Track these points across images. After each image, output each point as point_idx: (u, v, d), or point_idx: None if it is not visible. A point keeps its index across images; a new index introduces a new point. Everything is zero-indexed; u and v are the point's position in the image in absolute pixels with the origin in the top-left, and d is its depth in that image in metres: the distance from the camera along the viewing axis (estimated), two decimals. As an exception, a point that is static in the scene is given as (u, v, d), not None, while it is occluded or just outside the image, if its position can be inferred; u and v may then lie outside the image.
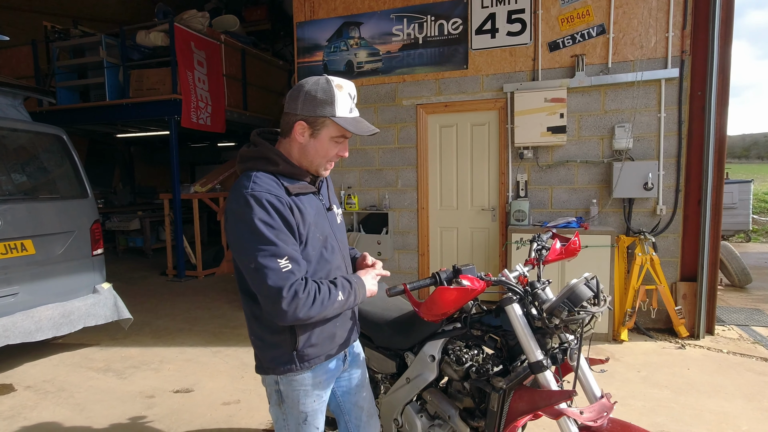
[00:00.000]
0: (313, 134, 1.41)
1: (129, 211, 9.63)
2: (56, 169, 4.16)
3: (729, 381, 3.34)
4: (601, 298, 1.42)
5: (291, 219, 1.36)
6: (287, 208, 1.36)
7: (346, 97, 1.39)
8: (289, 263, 1.31)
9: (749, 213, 9.26)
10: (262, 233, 1.31)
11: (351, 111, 1.41)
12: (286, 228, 1.35)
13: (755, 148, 43.47)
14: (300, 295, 1.30)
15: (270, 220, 1.32)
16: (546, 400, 1.42)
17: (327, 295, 1.36)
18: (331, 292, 1.38)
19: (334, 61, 5.33)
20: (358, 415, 1.72)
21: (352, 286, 1.45)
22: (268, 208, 1.32)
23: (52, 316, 3.68)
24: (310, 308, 1.32)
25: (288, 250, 1.33)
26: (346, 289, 1.43)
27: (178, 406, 3.17)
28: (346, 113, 1.39)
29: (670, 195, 4.35)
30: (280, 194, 1.36)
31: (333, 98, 1.37)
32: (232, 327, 4.82)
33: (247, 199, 1.33)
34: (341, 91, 1.38)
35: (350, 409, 1.72)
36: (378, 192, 5.35)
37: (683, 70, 4.23)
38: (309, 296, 1.32)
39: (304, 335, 1.45)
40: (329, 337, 1.51)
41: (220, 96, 7.56)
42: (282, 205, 1.35)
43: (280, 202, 1.35)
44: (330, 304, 1.37)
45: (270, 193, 1.35)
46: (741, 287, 5.95)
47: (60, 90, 7.41)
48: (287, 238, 1.34)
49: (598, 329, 4.13)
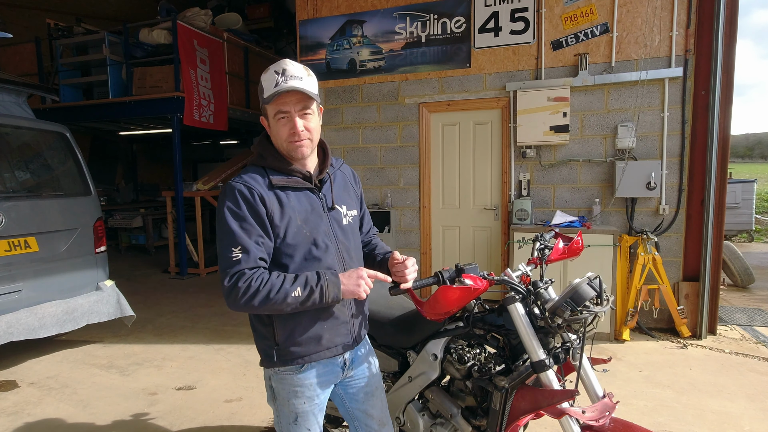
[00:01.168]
0: (269, 123, 1.47)
1: (132, 208, 9.66)
2: (59, 166, 4.18)
3: (731, 381, 3.34)
4: (604, 298, 1.42)
5: (260, 209, 1.39)
6: (257, 198, 1.39)
7: (271, 75, 1.40)
8: (240, 253, 1.35)
9: (752, 213, 9.23)
10: (226, 221, 1.38)
11: (276, 85, 1.38)
12: (252, 218, 1.38)
13: (759, 148, 43.29)
14: (239, 285, 1.33)
15: (236, 209, 1.38)
16: (548, 399, 1.43)
17: (275, 289, 1.34)
18: (282, 286, 1.35)
19: (337, 59, 5.33)
20: (368, 422, 1.67)
21: (318, 282, 1.38)
22: (237, 198, 1.38)
23: (55, 313, 3.70)
24: (252, 298, 1.33)
25: (243, 240, 1.36)
26: (309, 285, 1.37)
27: (181, 403, 3.18)
28: (271, 89, 1.39)
29: (673, 194, 4.34)
30: (254, 185, 1.41)
31: (261, 84, 1.43)
32: (234, 325, 4.83)
33: (224, 190, 1.43)
34: (267, 73, 1.42)
35: (359, 415, 1.67)
36: (380, 190, 5.35)
37: (687, 69, 4.21)
38: (250, 287, 1.33)
39: (284, 331, 1.47)
40: (315, 338, 1.49)
41: (223, 94, 7.57)
42: (251, 196, 1.39)
43: (250, 192, 1.39)
44: (279, 298, 1.34)
45: (244, 183, 1.41)
46: (743, 287, 5.93)
47: (63, 87, 7.43)
48: (251, 228, 1.37)
49: (601, 329, 4.12)
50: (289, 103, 1.41)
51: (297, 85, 1.38)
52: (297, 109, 1.42)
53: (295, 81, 1.39)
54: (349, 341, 1.57)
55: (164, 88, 6.87)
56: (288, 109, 1.41)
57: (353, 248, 1.60)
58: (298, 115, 1.42)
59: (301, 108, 1.42)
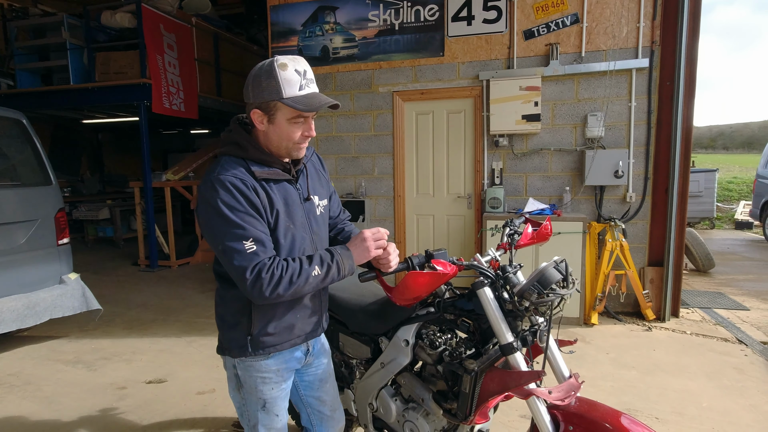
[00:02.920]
0: (269, 120, 1.39)
1: (98, 200, 9.32)
2: (16, 155, 3.98)
3: (692, 361, 3.49)
4: (570, 281, 1.45)
5: (257, 201, 1.36)
6: (252, 190, 1.36)
7: (292, 75, 1.33)
8: (254, 245, 1.31)
9: (714, 201, 9.62)
10: (227, 216, 1.31)
11: (301, 88, 1.34)
12: (252, 210, 1.35)
13: (721, 139, 45.03)
14: (263, 275, 1.30)
15: (234, 203, 1.32)
16: (516, 380, 1.45)
17: (296, 272, 1.34)
18: (302, 268, 1.36)
19: (310, 46, 5.24)
20: (320, 408, 1.73)
21: (333, 258, 1.40)
22: (233, 191, 1.33)
23: (15, 308, 3.55)
24: (276, 287, 1.31)
25: (253, 232, 1.33)
26: (325, 262, 1.39)
27: (152, 396, 3.12)
28: (296, 92, 1.34)
29: (640, 182, 4.47)
30: (245, 177, 1.36)
31: (278, 80, 1.32)
32: (206, 317, 4.75)
33: (212, 183, 1.34)
34: (286, 70, 1.33)
35: (312, 402, 1.73)
36: (354, 179, 5.32)
37: (653, 60, 4.32)
38: (273, 276, 1.31)
39: (261, 322, 1.46)
40: (287, 327, 1.50)
41: (193, 81, 7.34)
42: (246, 188, 1.35)
43: (244, 184, 1.35)
44: (302, 280, 1.35)
45: (235, 176, 1.35)
46: (705, 272, 6.19)
47: (20, 73, 7.07)
48: (253, 220, 1.34)
49: (570, 313, 4.24)
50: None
51: (319, 92, 1.40)
52: (312, 114, 1.42)
53: (314, 85, 1.39)
54: (317, 330, 1.62)
55: (129, 74, 6.61)
56: (308, 114, 1.40)
57: (324, 238, 1.63)
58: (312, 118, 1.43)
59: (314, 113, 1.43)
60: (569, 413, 1.47)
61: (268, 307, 1.45)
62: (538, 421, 1.47)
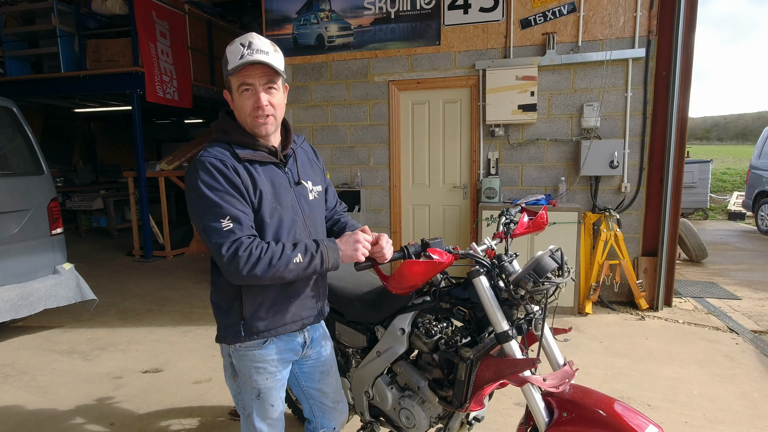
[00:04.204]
0: (231, 96, 1.44)
1: (91, 190, 9.25)
2: (7, 144, 3.92)
3: (684, 349, 3.53)
4: (565, 270, 1.46)
5: (237, 180, 1.37)
6: (232, 170, 1.37)
7: (236, 48, 1.37)
8: (230, 223, 1.33)
9: (707, 192, 9.69)
10: (206, 195, 1.33)
11: (242, 57, 1.36)
12: (232, 189, 1.36)
13: (715, 130, 45.21)
14: (240, 253, 1.30)
15: (213, 182, 1.35)
16: (511, 368, 1.46)
17: (276, 255, 1.33)
18: (284, 252, 1.34)
19: (304, 34, 5.18)
20: (322, 400, 1.73)
21: (318, 249, 1.39)
22: (212, 171, 1.35)
23: (8, 298, 3.53)
24: (254, 267, 1.31)
25: (231, 210, 1.34)
26: (309, 251, 1.37)
27: (148, 386, 3.12)
28: (236, 61, 1.36)
29: (635, 173, 4.49)
30: (224, 158, 1.38)
31: (226, 57, 1.39)
32: (202, 306, 4.75)
33: (194, 165, 1.39)
34: (232, 45, 1.39)
35: (314, 394, 1.72)
36: (350, 170, 5.30)
37: (650, 51, 4.31)
38: (251, 255, 1.31)
39: (252, 304, 1.46)
40: (280, 311, 1.50)
41: (186, 70, 7.25)
42: (226, 168, 1.36)
43: (223, 165, 1.37)
44: (282, 265, 1.33)
45: (215, 157, 1.38)
46: (698, 262, 6.25)
47: (9, 60, 6.94)
48: (231, 199, 1.35)
49: (564, 303, 4.27)
50: (254, 76, 1.38)
51: (263, 59, 1.36)
52: (262, 83, 1.39)
53: (260, 55, 1.36)
54: (314, 315, 1.60)
55: (121, 62, 6.52)
56: (252, 81, 1.38)
57: (319, 223, 1.62)
58: (263, 89, 1.40)
59: (266, 82, 1.40)
60: (563, 400, 1.48)
61: (259, 290, 1.45)
62: (533, 408, 1.49)
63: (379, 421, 2.05)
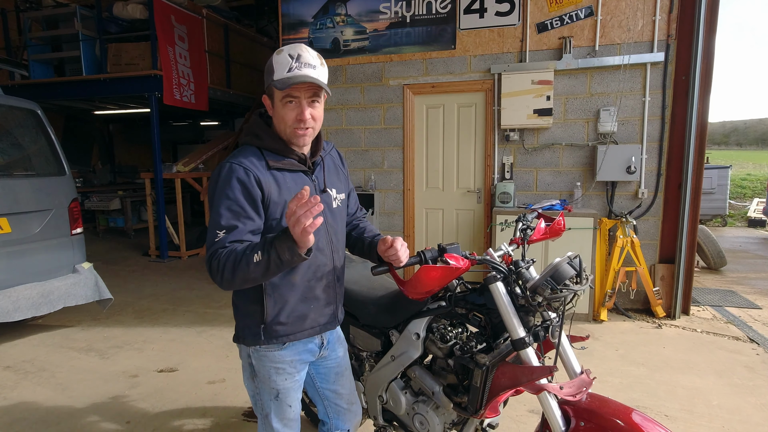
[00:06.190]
0: (273, 104, 1.45)
1: (109, 190, 9.41)
2: (31, 145, 4.02)
3: (701, 358, 3.46)
4: (584, 277, 1.44)
5: (255, 192, 1.37)
6: (254, 181, 1.37)
7: (284, 58, 1.38)
8: (223, 234, 1.34)
9: (726, 198, 9.50)
10: (217, 203, 1.37)
11: (290, 70, 1.36)
12: (245, 200, 1.36)
13: (734, 135, 44.30)
14: (212, 263, 1.32)
15: (228, 190, 1.36)
16: (527, 375, 1.45)
17: (238, 259, 1.27)
18: (244, 254, 1.27)
19: (320, 38, 5.22)
20: (337, 401, 1.74)
21: (267, 241, 1.26)
22: (232, 179, 1.37)
23: (30, 296, 3.61)
24: (222, 273, 1.29)
25: (229, 222, 1.34)
26: (265, 248, 1.25)
27: (163, 385, 3.16)
28: (283, 74, 1.37)
29: (652, 179, 4.42)
30: (250, 166, 1.38)
31: (272, 64, 1.40)
32: (216, 307, 4.80)
33: (220, 168, 1.40)
34: (280, 54, 1.39)
35: (329, 395, 1.74)
36: (364, 173, 5.32)
37: (668, 55, 4.25)
38: (219, 262, 1.30)
39: (273, 310, 1.47)
40: (300, 317, 1.51)
41: (203, 73, 7.36)
42: (246, 176, 1.37)
43: (246, 174, 1.37)
44: (244, 267, 1.26)
45: (241, 165, 1.38)
46: (716, 269, 6.13)
47: (33, 63, 7.11)
48: (239, 210, 1.35)
49: (579, 309, 4.22)
50: (300, 89, 1.39)
51: (311, 74, 1.37)
52: (306, 96, 1.40)
53: (308, 69, 1.38)
54: (332, 321, 1.63)
55: (141, 65, 6.64)
56: (298, 94, 1.39)
57: (340, 231, 1.63)
58: (307, 102, 1.41)
59: (310, 96, 1.41)
60: (580, 409, 1.46)
61: (279, 295, 1.47)
62: (549, 416, 1.47)
63: (393, 425, 2.05)
